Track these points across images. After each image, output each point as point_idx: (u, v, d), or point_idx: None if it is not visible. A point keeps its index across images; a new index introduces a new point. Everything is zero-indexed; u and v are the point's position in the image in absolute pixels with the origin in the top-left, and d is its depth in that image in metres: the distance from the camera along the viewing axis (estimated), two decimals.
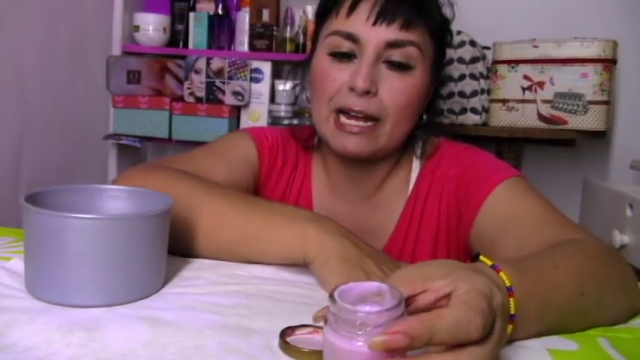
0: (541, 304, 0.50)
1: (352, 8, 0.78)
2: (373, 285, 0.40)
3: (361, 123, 0.78)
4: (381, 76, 0.78)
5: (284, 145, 0.92)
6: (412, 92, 0.79)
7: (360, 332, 0.38)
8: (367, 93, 0.76)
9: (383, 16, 0.77)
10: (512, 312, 0.46)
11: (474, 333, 0.39)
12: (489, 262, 0.48)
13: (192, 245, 0.69)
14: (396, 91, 0.78)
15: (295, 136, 0.92)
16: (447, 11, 0.85)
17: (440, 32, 0.83)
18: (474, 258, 0.50)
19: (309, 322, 0.50)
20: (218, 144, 0.89)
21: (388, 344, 0.36)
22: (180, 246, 0.68)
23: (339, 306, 0.38)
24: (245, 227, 0.68)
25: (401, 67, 0.78)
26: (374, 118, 0.78)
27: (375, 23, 0.77)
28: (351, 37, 0.78)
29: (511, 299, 0.46)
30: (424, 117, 0.87)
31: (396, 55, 0.77)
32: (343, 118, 0.78)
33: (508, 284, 0.47)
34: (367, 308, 0.38)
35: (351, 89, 0.77)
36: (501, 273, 0.47)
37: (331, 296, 0.39)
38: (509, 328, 0.47)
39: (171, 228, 0.62)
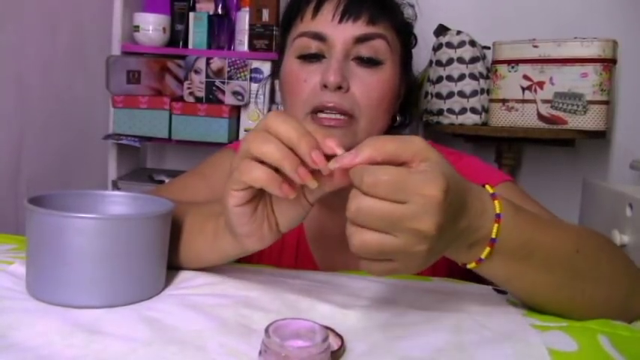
0: (528, 239, 0.52)
1: (316, 10, 0.79)
2: (308, 324, 0.44)
3: (338, 116, 0.77)
4: (351, 73, 0.77)
5: None
6: (384, 87, 0.78)
7: None
8: (340, 88, 0.76)
9: (348, 13, 0.77)
10: (494, 236, 0.50)
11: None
12: (491, 190, 0.52)
13: (174, 259, 0.67)
14: (368, 87, 0.77)
15: None
16: (409, 12, 0.86)
17: (404, 31, 0.84)
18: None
19: (308, 319, 0.50)
20: (204, 166, 0.90)
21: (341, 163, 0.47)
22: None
23: (270, 340, 0.42)
24: (181, 238, 0.66)
25: (370, 62, 0.78)
26: (348, 114, 0.77)
27: (340, 21, 0.77)
28: (318, 37, 0.78)
29: (496, 225, 0.50)
30: (398, 118, 0.86)
31: (364, 50, 0.77)
32: (319, 114, 0.77)
33: (498, 211, 0.50)
34: (291, 343, 0.42)
35: (324, 86, 0.76)
36: (496, 201, 0.51)
37: (266, 330, 0.43)
38: (487, 250, 0.51)
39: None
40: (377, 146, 0.46)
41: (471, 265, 0.52)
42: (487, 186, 0.52)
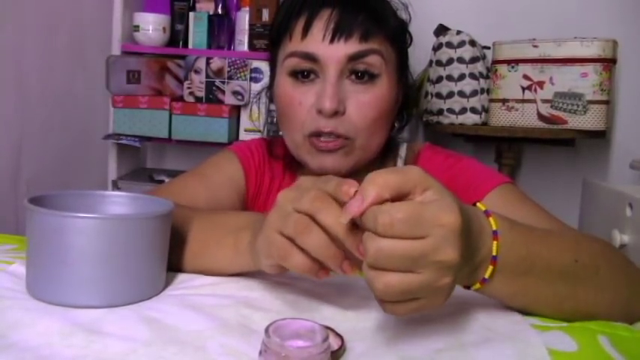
0: (527, 253, 0.52)
1: (306, 29, 0.76)
2: (308, 324, 0.44)
3: (335, 139, 0.76)
4: (346, 92, 0.76)
5: (270, 160, 0.91)
6: (380, 104, 0.77)
7: None
8: (336, 113, 0.75)
9: (339, 32, 0.74)
10: (494, 254, 0.49)
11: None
12: (483, 208, 0.51)
13: (176, 263, 0.67)
14: (364, 107, 0.76)
15: (273, 155, 0.91)
16: (402, 14, 0.83)
17: (399, 37, 0.82)
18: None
19: (308, 319, 0.50)
20: (204, 167, 0.89)
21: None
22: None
23: (270, 340, 0.42)
24: (191, 246, 0.66)
25: (366, 76, 0.76)
26: (344, 137, 0.76)
27: (332, 41, 0.75)
28: (309, 57, 0.76)
29: (494, 242, 0.49)
30: (396, 125, 0.85)
31: (358, 66, 0.76)
32: (315, 139, 0.77)
33: (494, 228, 0.50)
34: (292, 343, 0.42)
35: (319, 111, 0.75)
36: (490, 218, 0.50)
37: (266, 330, 0.42)
38: (490, 269, 0.50)
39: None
40: (380, 183, 0.44)
41: (476, 287, 0.51)
42: (478, 204, 0.51)
